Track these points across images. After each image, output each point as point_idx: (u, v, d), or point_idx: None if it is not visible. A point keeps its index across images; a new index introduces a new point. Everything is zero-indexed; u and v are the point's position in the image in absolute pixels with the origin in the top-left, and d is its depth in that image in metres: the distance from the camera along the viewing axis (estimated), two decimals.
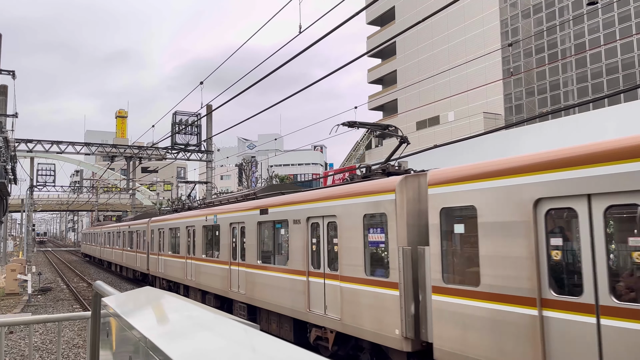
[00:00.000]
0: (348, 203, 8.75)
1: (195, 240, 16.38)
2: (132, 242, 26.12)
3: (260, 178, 59.53)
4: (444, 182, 6.85)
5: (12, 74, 23.18)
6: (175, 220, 18.90)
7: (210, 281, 14.95)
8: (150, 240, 22.01)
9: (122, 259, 28.96)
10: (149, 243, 22.15)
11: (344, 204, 8.86)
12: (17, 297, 22.25)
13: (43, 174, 51.16)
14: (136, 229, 25.54)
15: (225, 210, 14.22)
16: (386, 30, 55.44)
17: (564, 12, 37.80)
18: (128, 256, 27.30)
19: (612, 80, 34.06)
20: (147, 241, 22.30)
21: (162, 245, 20.33)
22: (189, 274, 16.84)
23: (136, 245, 25.06)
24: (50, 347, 12.88)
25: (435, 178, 7.03)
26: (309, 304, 9.85)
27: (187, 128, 28.46)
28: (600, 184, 5.03)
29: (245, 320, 2.17)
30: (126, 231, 28.03)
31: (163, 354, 1.44)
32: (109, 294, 2.79)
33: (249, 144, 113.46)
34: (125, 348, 2.18)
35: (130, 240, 26.89)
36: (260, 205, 12.13)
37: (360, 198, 8.47)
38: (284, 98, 12.26)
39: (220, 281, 14.15)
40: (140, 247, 24.22)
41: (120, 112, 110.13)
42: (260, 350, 1.48)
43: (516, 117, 39.86)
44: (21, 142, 26.62)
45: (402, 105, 51.60)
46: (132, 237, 26.13)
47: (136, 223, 26.12)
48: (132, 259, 26.27)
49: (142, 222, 24.78)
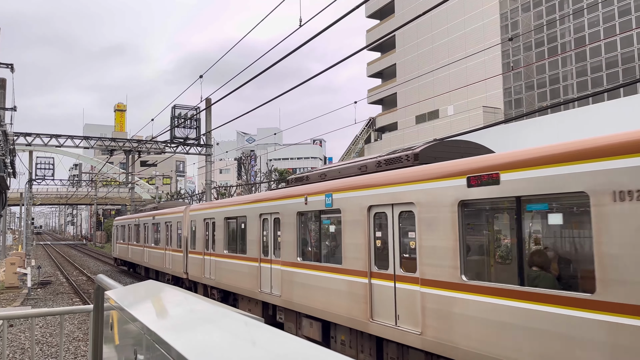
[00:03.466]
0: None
1: (282, 235, 11.28)
2: (160, 236, 21.59)
3: (259, 172, 59.50)
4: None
5: (11, 67, 23.12)
6: (238, 205, 13.62)
7: (323, 299, 9.59)
8: (191, 234, 17.27)
9: (144, 257, 24.40)
10: (188, 239, 17.57)
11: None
12: (16, 290, 22.30)
13: (42, 168, 51.11)
14: (165, 220, 20.88)
15: (349, 186, 9.15)
16: (386, 23, 55.28)
17: (563, 6, 37.70)
18: (152, 255, 22.74)
19: (612, 75, 34.03)
20: (185, 236, 17.79)
21: (211, 241, 15.47)
22: (269, 284, 11.74)
23: (166, 241, 20.57)
24: (51, 341, 12.92)
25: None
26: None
27: (186, 122, 28.42)
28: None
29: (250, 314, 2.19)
30: (150, 223, 23.42)
31: (169, 347, 1.46)
32: (112, 287, 2.80)
33: (248, 138, 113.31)
34: (128, 341, 2.19)
35: (155, 234, 22.58)
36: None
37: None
38: (283, 92, 12.24)
39: (351, 303, 8.77)
40: (171, 243, 19.74)
41: (119, 105, 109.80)
42: (266, 343, 1.49)
43: (515, 111, 39.83)
44: (20, 135, 26.56)
45: (401, 99, 51.53)
46: (160, 231, 21.56)
47: (165, 212, 21.16)
48: (157, 259, 21.79)
49: (172, 212, 20.15)
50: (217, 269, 14.81)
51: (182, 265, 18.05)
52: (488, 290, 6.21)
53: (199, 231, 16.42)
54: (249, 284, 12.69)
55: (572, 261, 5.97)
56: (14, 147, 27.45)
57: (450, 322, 6.64)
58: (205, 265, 15.77)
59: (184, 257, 17.90)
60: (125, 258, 29.30)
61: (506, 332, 5.93)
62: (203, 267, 15.91)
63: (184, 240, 17.94)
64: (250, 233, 12.78)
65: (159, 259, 21.48)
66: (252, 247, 12.69)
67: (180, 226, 18.53)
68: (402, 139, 45.23)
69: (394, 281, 7.88)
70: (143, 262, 24.53)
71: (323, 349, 1.31)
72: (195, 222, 16.88)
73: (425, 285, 7.16)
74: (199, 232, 16.46)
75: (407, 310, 7.45)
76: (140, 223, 25.42)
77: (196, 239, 16.74)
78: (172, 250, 19.56)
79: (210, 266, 15.36)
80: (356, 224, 8.72)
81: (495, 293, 6.12)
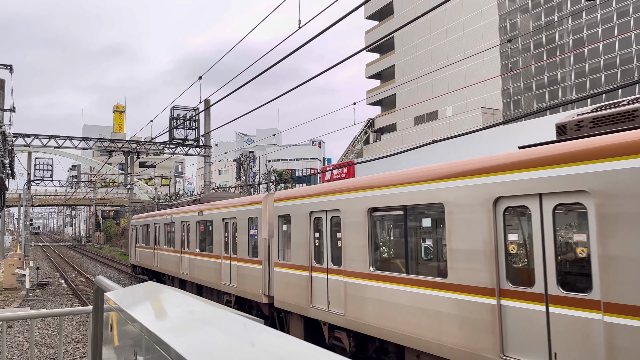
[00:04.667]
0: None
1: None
2: (213, 239, 15.54)
3: (258, 173, 59.51)
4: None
5: (10, 68, 23.12)
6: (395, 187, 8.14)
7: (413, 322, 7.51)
8: (282, 236, 11.64)
9: (182, 267, 18.43)
10: (271, 243, 12.01)
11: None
12: (15, 291, 22.27)
13: (41, 169, 51.03)
14: (223, 216, 14.81)
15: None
16: (385, 24, 55.35)
17: (562, 7, 37.77)
18: (197, 265, 16.83)
19: (611, 76, 34.09)
20: (266, 239, 12.30)
21: (331, 248, 9.80)
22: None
23: (224, 246, 14.70)
24: (49, 342, 12.91)
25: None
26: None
27: (185, 123, 28.41)
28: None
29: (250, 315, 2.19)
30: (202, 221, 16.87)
31: (169, 348, 1.46)
32: (111, 288, 2.81)
33: (247, 139, 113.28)
34: (128, 342, 2.19)
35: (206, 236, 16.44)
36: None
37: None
38: (282, 93, 12.23)
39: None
40: (236, 250, 13.88)
41: (118, 106, 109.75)
42: (266, 344, 1.50)
43: (514, 112, 39.88)
44: (19, 136, 26.56)
45: (400, 100, 51.59)
46: (213, 232, 15.57)
47: (221, 206, 15.20)
48: (207, 270, 15.93)
49: (235, 204, 14.24)
50: (350, 296, 8.96)
51: (259, 282, 12.43)
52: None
53: (300, 232, 10.69)
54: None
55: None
56: (13, 148, 27.44)
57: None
58: (314, 287, 10.14)
59: (263, 271, 12.26)
60: (149, 266, 23.35)
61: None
62: (311, 290, 10.22)
63: (264, 246, 12.34)
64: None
65: (209, 271, 15.63)
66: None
67: (255, 224, 12.92)
68: (401, 140, 45.28)
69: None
70: (180, 273, 18.49)
71: (323, 350, 1.31)
72: (290, 217, 11.20)
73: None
74: (298, 234, 10.77)
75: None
76: (176, 221, 19.42)
77: (291, 245, 11.09)
78: (237, 260, 13.68)
79: (334, 291, 9.49)
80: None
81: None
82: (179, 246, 18.84)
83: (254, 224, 13.00)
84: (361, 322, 8.49)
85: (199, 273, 16.67)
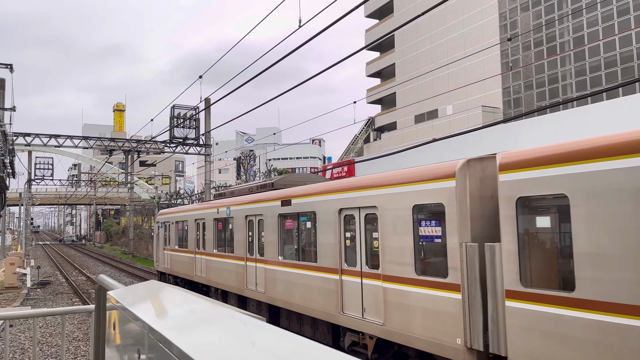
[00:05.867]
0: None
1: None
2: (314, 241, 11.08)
3: (258, 172, 59.51)
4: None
5: (10, 67, 23.12)
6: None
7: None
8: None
9: (247, 282, 13.16)
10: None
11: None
12: (16, 290, 22.30)
13: (41, 168, 51.02)
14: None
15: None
16: (385, 23, 55.29)
17: (562, 5, 37.72)
18: (286, 279, 11.48)
19: (611, 74, 34.06)
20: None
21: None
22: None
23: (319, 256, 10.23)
24: (50, 340, 12.93)
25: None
26: None
27: (185, 122, 28.41)
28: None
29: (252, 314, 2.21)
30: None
31: (172, 345, 1.47)
32: (114, 287, 2.82)
33: (247, 138, 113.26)
34: (130, 340, 2.21)
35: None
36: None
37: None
38: (281, 92, 12.24)
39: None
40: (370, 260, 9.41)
41: (118, 105, 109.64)
42: (268, 342, 1.51)
43: (514, 110, 39.86)
44: (19, 135, 26.55)
45: (400, 98, 51.56)
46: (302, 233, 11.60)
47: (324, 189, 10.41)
48: (303, 290, 10.65)
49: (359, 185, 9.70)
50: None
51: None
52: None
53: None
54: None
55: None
56: (13, 147, 27.45)
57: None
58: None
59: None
60: (187, 276, 17.71)
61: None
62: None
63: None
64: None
65: (312, 292, 10.15)
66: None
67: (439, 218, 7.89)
68: (401, 139, 45.27)
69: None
70: (246, 289, 13.09)
71: (326, 348, 1.32)
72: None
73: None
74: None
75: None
76: (235, 216, 13.97)
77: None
78: (387, 281, 8.65)
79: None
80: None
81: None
82: (242, 251, 13.48)
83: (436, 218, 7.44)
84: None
85: (287, 293, 11.10)
